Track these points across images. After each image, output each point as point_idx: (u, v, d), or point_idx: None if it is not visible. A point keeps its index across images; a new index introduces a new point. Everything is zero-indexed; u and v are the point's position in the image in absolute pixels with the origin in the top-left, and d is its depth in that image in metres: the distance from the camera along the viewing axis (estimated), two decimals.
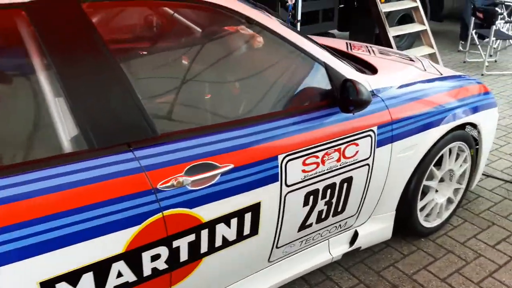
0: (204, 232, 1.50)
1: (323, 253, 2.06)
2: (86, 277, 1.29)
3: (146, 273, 1.42)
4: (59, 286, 1.25)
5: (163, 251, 1.43)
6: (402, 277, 2.21)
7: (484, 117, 2.44)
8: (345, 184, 1.88)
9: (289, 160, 1.65)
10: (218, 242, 1.56)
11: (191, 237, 1.47)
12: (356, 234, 2.16)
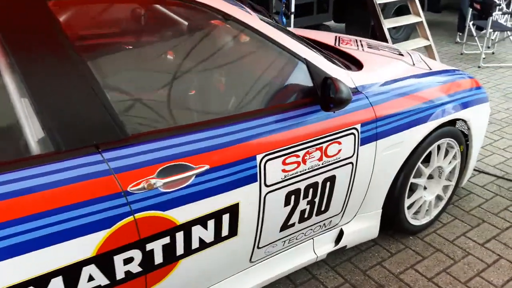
0: (180, 235, 1.47)
1: (307, 253, 2.03)
2: (55, 281, 1.27)
3: (120, 276, 1.40)
4: None
5: (136, 254, 1.40)
6: (388, 277, 2.18)
7: (474, 113, 2.40)
8: (328, 183, 1.85)
9: (268, 160, 1.61)
10: (195, 244, 1.53)
11: (166, 239, 1.44)
12: (341, 232, 2.12)
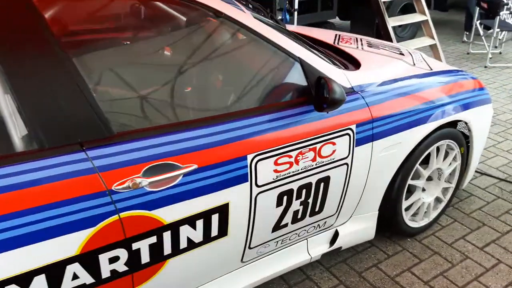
0: (167, 234, 1.45)
1: (301, 253, 2.00)
2: (38, 279, 1.25)
3: (105, 275, 1.38)
4: None
5: (121, 253, 1.38)
6: (384, 279, 2.15)
7: (476, 114, 2.35)
8: (322, 184, 1.82)
9: (260, 160, 1.58)
10: (183, 244, 1.51)
11: (152, 239, 1.42)
12: (336, 234, 2.09)
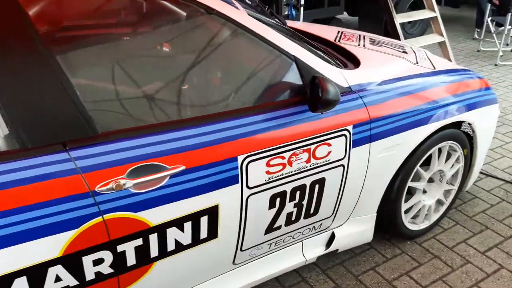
0: (153, 237, 1.42)
1: (295, 256, 1.97)
2: (19, 281, 1.23)
3: (89, 277, 1.36)
4: None
5: (106, 255, 1.35)
6: (381, 283, 2.10)
7: (481, 115, 2.28)
8: (317, 186, 1.77)
9: (251, 161, 1.55)
10: (171, 247, 1.48)
11: (138, 241, 1.39)
12: (333, 236, 2.05)
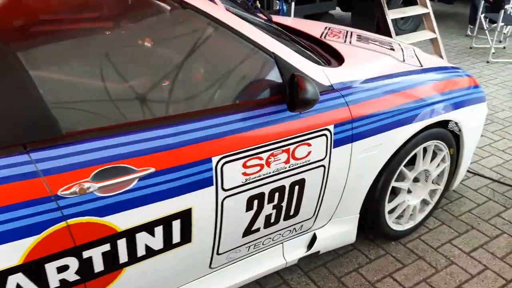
0: (122, 242, 1.36)
1: (276, 258, 1.92)
2: None
3: (54, 284, 1.30)
4: None
5: (71, 262, 1.30)
6: (364, 285, 2.06)
7: (467, 114, 2.24)
8: (297, 187, 1.72)
9: (226, 163, 1.49)
10: (141, 252, 1.42)
11: (105, 247, 1.34)
12: (314, 237, 2.00)
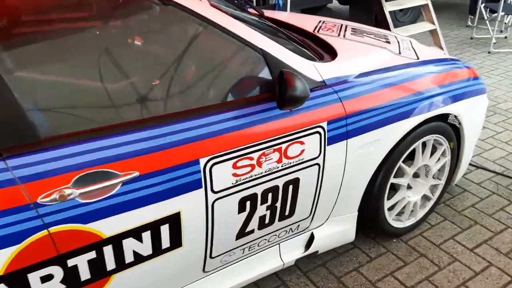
0: (108, 249, 1.32)
1: (272, 260, 1.87)
2: None
3: None
4: None
5: (56, 271, 1.25)
6: (364, 284, 2.01)
7: (468, 106, 2.18)
8: (291, 187, 1.67)
9: (215, 164, 1.44)
10: (129, 258, 1.38)
11: (91, 254, 1.29)
12: (312, 237, 1.95)
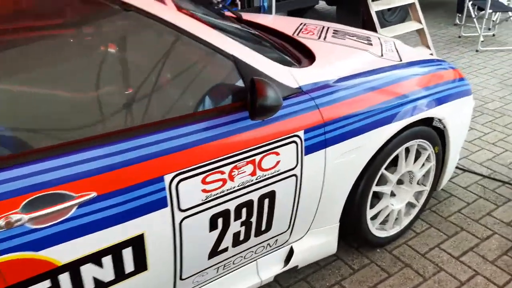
0: (64, 277, 1.21)
1: (249, 277, 1.77)
2: None
3: None
4: None
5: None
6: None
7: (452, 109, 2.10)
8: (267, 200, 1.58)
9: (182, 180, 1.34)
10: (89, 285, 1.28)
11: (45, 283, 1.19)
12: (292, 251, 1.86)
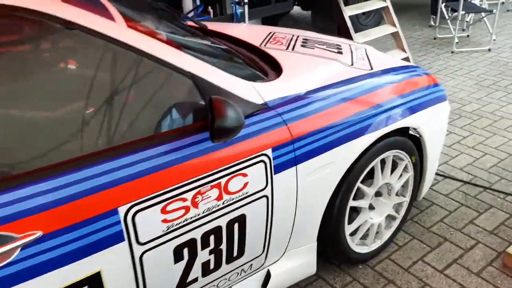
0: None
1: None
2: None
3: None
4: None
5: None
6: None
7: (427, 117, 2.03)
8: (236, 225, 1.48)
9: (138, 211, 1.24)
10: None
11: None
12: (269, 274, 1.76)
